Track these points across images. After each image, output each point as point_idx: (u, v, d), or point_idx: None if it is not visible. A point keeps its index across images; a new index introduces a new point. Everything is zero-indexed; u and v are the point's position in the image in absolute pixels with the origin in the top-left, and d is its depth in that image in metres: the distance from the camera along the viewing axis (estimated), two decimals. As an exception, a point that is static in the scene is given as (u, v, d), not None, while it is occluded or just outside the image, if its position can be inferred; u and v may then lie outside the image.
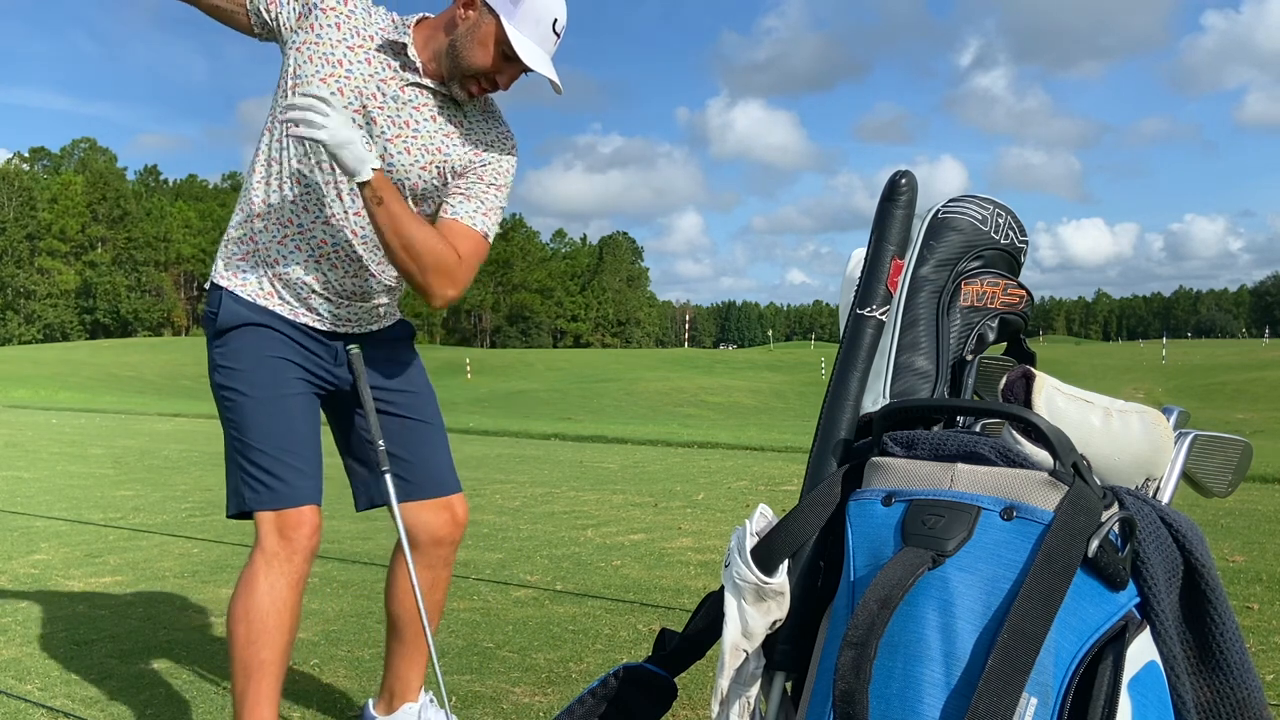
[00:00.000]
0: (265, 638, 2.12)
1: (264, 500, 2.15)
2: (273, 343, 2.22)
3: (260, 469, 2.16)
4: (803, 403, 36.12)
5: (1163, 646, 1.31)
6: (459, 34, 2.13)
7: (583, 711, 1.64)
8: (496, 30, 2.10)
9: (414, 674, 2.55)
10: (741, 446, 10.52)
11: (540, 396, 36.35)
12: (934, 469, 1.40)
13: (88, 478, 8.17)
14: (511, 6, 2.09)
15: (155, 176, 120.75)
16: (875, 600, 1.27)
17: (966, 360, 1.73)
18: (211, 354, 2.24)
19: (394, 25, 2.21)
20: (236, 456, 2.18)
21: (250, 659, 2.12)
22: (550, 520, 5.95)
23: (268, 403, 2.20)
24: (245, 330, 2.21)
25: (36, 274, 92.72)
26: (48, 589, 4.27)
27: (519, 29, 2.10)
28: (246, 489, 2.16)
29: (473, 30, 2.12)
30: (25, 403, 21.72)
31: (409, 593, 2.43)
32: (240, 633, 2.12)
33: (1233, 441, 1.70)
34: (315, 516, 2.19)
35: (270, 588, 2.12)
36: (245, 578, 2.15)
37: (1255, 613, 3.67)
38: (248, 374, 2.19)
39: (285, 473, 2.17)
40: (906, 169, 1.67)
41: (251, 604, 2.12)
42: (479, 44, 2.12)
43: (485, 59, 2.13)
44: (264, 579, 2.12)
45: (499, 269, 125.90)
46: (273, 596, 2.12)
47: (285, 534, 2.14)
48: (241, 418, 2.18)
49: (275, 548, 2.14)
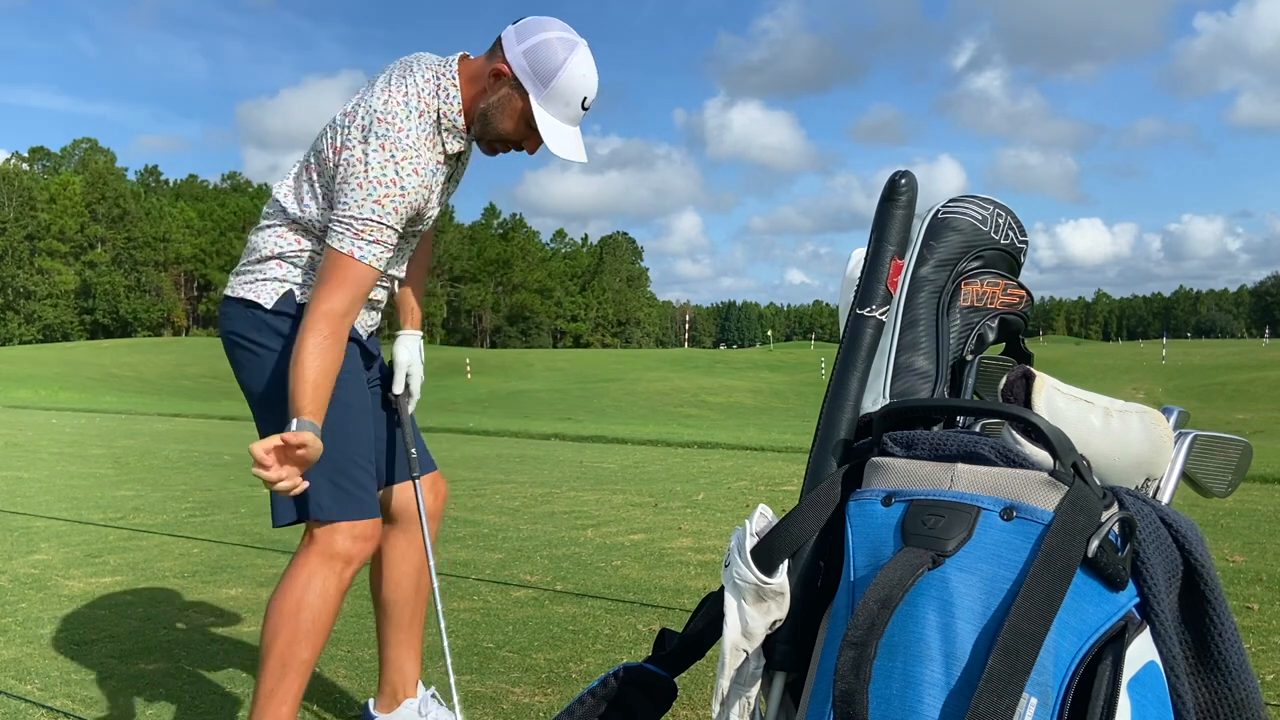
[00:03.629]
0: (310, 639, 2.16)
1: (347, 509, 2.18)
2: (354, 355, 2.28)
3: (347, 478, 2.19)
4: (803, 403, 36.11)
5: (1162, 647, 1.31)
6: (491, 104, 2.16)
7: (583, 711, 1.64)
8: (525, 108, 2.14)
9: (412, 664, 2.57)
10: (741, 446, 10.52)
11: (540, 397, 36.33)
12: (934, 469, 1.40)
13: (88, 478, 8.17)
14: (541, 88, 2.11)
15: (155, 177, 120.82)
16: (875, 600, 1.27)
17: (966, 360, 1.73)
18: None
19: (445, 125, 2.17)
20: (321, 464, 2.11)
21: (291, 657, 2.15)
22: (550, 520, 5.95)
23: (360, 414, 2.26)
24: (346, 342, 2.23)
25: (36, 274, 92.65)
26: (48, 589, 4.27)
27: (547, 110, 2.13)
28: (328, 497, 2.17)
29: (503, 104, 2.15)
30: (25, 403, 21.71)
31: (405, 574, 2.50)
32: (286, 630, 2.15)
33: (1233, 441, 1.70)
34: (379, 529, 2.29)
35: (324, 590, 2.17)
36: (299, 578, 2.17)
37: (1255, 613, 3.67)
38: (346, 383, 2.18)
39: (365, 484, 2.23)
40: (906, 169, 1.67)
41: (303, 604, 2.15)
42: (508, 117, 2.16)
43: (513, 130, 2.18)
44: (320, 582, 2.16)
45: (499, 269, 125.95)
46: (325, 600, 2.17)
47: (355, 543, 2.20)
48: (331, 426, 2.13)
49: (341, 554, 2.18)
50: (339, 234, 2.08)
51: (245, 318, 2.24)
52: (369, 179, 2.07)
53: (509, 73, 2.11)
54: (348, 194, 2.08)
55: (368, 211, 2.07)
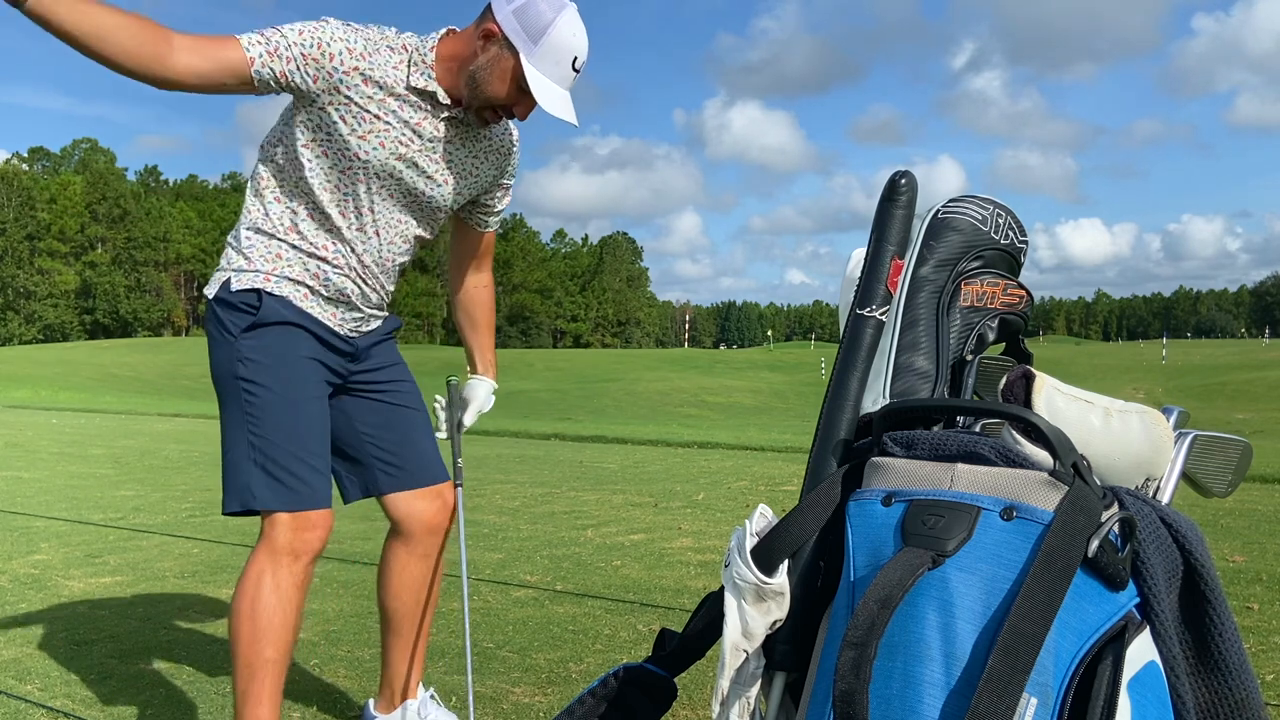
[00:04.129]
0: (269, 636, 2.12)
1: (282, 500, 2.13)
2: (306, 343, 2.23)
3: (280, 467, 2.14)
4: (803, 403, 36.11)
5: (1162, 647, 1.31)
6: (479, 65, 2.14)
7: (583, 711, 1.64)
8: (515, 67, 2.12)
9: (413, 670, 2.56)
10: (741, 446, 10.53)
11: (540, 396, 36.34)
12: (934, 469, 1.40)
13: (88, 478, 8.17)
14: (531, 45, 2.10)
15: (155, 177, 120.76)
16: (875, 600, 1.27)
17: (966, 360, 1.73)
18: (238, 347, 2.18)
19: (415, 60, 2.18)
20: (251, 453, 2.13)
21: (254, 657, 2.12)
22: (550, 520, 5.95)
23: (297, 403, 2.19)
24: (282, 329, 2.20)
25: (36, 274, 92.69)
26: (48, 589, 4.27)
27: (538, 67, 2.12)
28: (261, 487, 2.13)
29: (492, 64, 2.13)
30: (25, 403, 21.71)
31: (405, 586, 2.47)
32: (245, 630, 2.11)
33: (1233, 441, 1.70)
34: (328, 520, 2.21)
35: (276, 586, 2.12)
36: (250, 575, 2.14)
37: (1255, 613, 3.67)
38: (279, 370, 2.17)
39: (305, 473, 2.17)
40: (906, 169, 1.67)
41: (258, 601, 2.11)
42: (498, 78, 2.14)
43: (503, 92, 2.16)
44: (270, 577, 2.12)
45: (499, 269, 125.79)
46: (279, 595, 2.12)
47: (298, 534, 2.14)
48: (265, 414, 2.14)
49: (285, 547, 2.13)
50: None
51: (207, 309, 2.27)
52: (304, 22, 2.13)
53: (498, 32, 2.11)
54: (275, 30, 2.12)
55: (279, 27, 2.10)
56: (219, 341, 2.20)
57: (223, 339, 2.19)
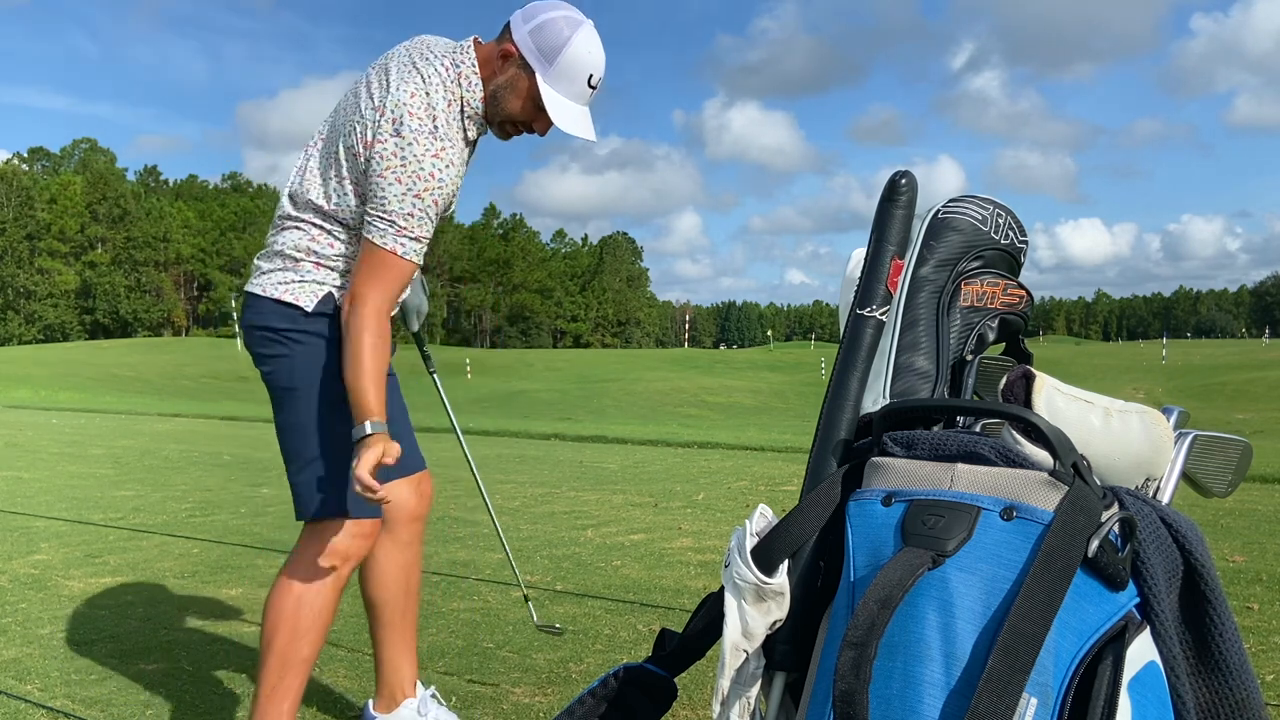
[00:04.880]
0: (310, 636, 2.18)
1: (363, 508, 2.19)
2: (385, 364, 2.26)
3: None
4: (803, 403, 36.11)
5: (1163, 647, 1.31)
6: (500, 84, 2.18)
7: (583, 712, 1.64)
8: (531, 86, 2.16)
9: (408, 664, 2.57)
10: (741, 446, 10.52)
11: (540, 397, 36.34)
12: (934, 469, 1.40)
13: (88, 478, 8.17)
14: (546, 65, 2.13)
15: (155, 177, 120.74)
16: (875, 600, 1.27)
17: (966, 360, 1.73)
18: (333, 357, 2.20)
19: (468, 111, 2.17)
20: (344, 459, 2.14)
21: (292, 654, 2.16)
22: (550, 520, 5.95)
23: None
24: None
25: (36, 274, 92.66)
26: (48, 589, 4.27)
27: (554, 87, 2.15)
28: (347, 495, 2.17)
29: (511, 84, 2.17)
30: (25, 403, 21.71)
31: (390, 574, 2.51)
32: (286, 627, 2.16)
33: (1233, 441, 1.70)
34: (378, 530, 2.31)
35: (322, 588, 2.19)
36: (299, 574, 2.19)
37: (1255, 613, 3.67)
38: None
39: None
40: (906, 169, 1.67)
41: (303, 601, 2.17)
42: (516, 96, 2.18)
43: (522, 111, 2.19)
44: (320, 579, 2.18)
45: (499, 269, 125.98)
46: (323, 597, 2.19)
47: (357, 541, 2.22)
48: None
49: (343, 552, 2.20)
50: (380, 230, 2.09)
51: (281, 314, 2.22)
52: (407, 173, 2.08)
53: (516, 53, 2.15)
54: (385, 189, 2.08)
55: (408, 206, 2.09)
56: (314, 349, 2.20)
57: (322, 347, 2.20)
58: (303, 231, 2.23)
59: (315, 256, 2.22)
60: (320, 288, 2.22)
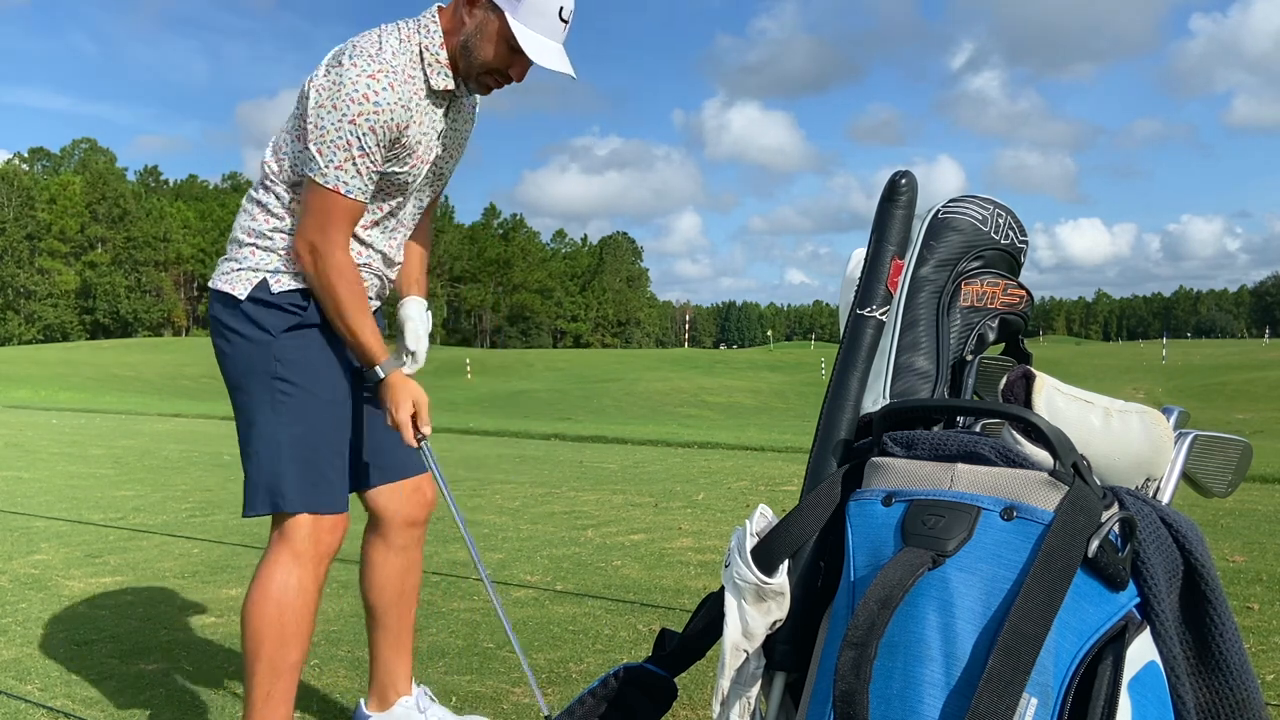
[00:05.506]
0: (296, 639, 2.15)
1: (310, 502, 2.14)
2: (340, 348, 2.23)
3: (311, 469, 2.14)
4: (803, 403, 36.11)
5: (1163, 647, 1.31)
6: (469, 33, 2.13)
7: (583, 712, 1.64)
8: (501, 27, 2.10)
9: (402, 664, 2.55)
10: (741, 447, 10.52)
11: (540, 397, 36.33)
12: (934, 469, 1.40)
13: (88, 478, 8.17)
14: (515, 2, 2.08)
15: (155, 177, 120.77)
16: (875, 600, 1.27)
17: (966, 360, 1.73)
18: (279, 346, 2.16)
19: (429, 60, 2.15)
20: (283, 453, 2.12)
21: (280, 661, 2.13)
22: (550, 520, 5.95)
23: (332, 404, 2.20)
24: (324, 330, 2.20)
25: (36, 274, 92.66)
26: (48, 589, 4.27)
27: (525, 23, 2.10)
28: (292, 488, 2.13)
29: (481, 29, 2.12)
30: (25, 403, 21.71)
31: (387, 579, 2.48)
32: (271, 634, 2.12)
33: (1233, 441, 1.70)
34: (347, 522, 2.25)
35: (301, 589, 2.14)
36: (274, 578, 2.14)
37: (1255, 613, 3.67)
38: (321, 372, 2.17)
39: (333, 476, 2.19)
40: (907, 169, 1.67)
41: (284, 605, 2.13)
42: (487, 41, 2.12)
43: (495, 55, 2.14)
44: (296, 580, 2.14)
45: (499, 269, 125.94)
46: (304, 599, 2.15)
47: (320, 537, 2.17)
48: (300, 415, 2.14)
49: (308, 550, 2.15)
50: (318, 166, 2.03)
51: (221, 305, 2.21)
52: (341, 97, 2.01)
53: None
54: (322, 118, 2.01)
55: (344, 134, 2.01)
56: (251, 340, 2.16)
57: (258, 337, 2.16)
58: (246, 213, 2.23)
59: (254, 237, 2.19)
60: (255, 274, 2.17)
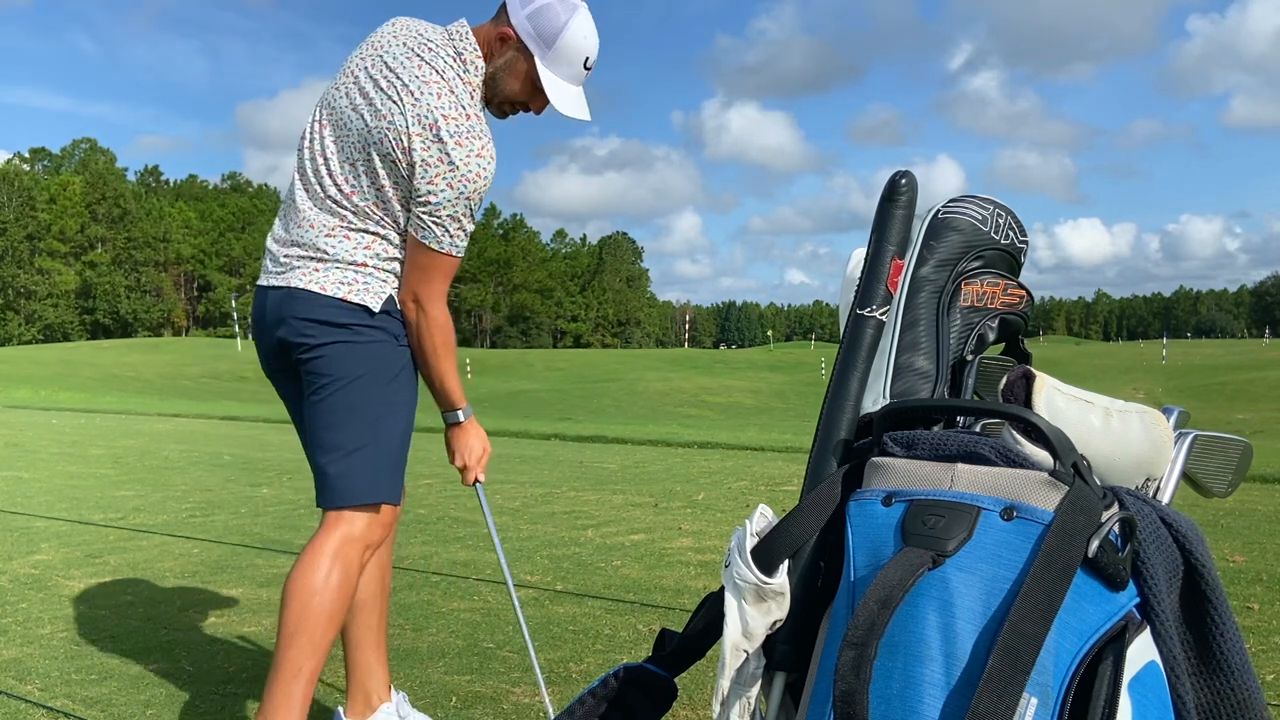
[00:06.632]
0: (338, 621, 2.22)
1: (394, 494, 2.30)
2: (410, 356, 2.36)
3: (399, 465, 2.31)
4: (803, 403, 36.13)
5: (1163, 647, 1.31)
6: (499, 66, 2.25)
7: (583, 712, 1.64)
8: (530, 69, 2.23)
9: (381, 669, 2.55)
10: (741, 447, 10.51)
11: (540, 396, 36.34)
12: (934, 469, 1.40)
13: (88, 478, 8.17)
14: (545, 49, 2.21)
15: (155, 177, 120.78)
16: (875, 600, 1.27)
17: (966, 360, 1.73)
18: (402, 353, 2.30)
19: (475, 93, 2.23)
20: (394, 449, 2.29)
21: (321, 639, 2.18)
22: (550, 520, 5.95)
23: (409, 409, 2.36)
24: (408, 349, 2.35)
25: (36, 274, 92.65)
26: (48, 589, 4.27)
27: (552, 70, 2.23)
28: (394, 480, 2.28)
29: (509, 66, 2.25)
30: (25, 403, 21.71)
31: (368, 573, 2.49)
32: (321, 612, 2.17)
33: (1233, 441, 1.70)
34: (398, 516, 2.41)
35: (347, 572, 2.23)
36: (346, 565, 2.21)
37: (1255, 613, 3.67)
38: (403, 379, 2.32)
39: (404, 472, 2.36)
40: (906, 169, 1.67)
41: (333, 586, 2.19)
42: (514, 78, 2.26)
43: (520, 91, 2.27)
44: (343, 563, 2.21)
45: (499, 269, 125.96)
46: (350, 581, 2.24)
47: (385, 521, 2.30)
48: (404, 416, 2.31)
49: (366, 537, 2.26)
50: (436, 236, 2.19)
51: (345, 311, 2.25)
52: (457, 178, 2.15)
53: (514, 36, 2.22)
54: (437, 195, 2.16)
55: (460, 209, 2.18)
56: (384, 344, 2.27)
57: (394, 345, 2.29)
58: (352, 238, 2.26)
59: (376, 260, 2.26)
60: (384, 289, 2.28)
